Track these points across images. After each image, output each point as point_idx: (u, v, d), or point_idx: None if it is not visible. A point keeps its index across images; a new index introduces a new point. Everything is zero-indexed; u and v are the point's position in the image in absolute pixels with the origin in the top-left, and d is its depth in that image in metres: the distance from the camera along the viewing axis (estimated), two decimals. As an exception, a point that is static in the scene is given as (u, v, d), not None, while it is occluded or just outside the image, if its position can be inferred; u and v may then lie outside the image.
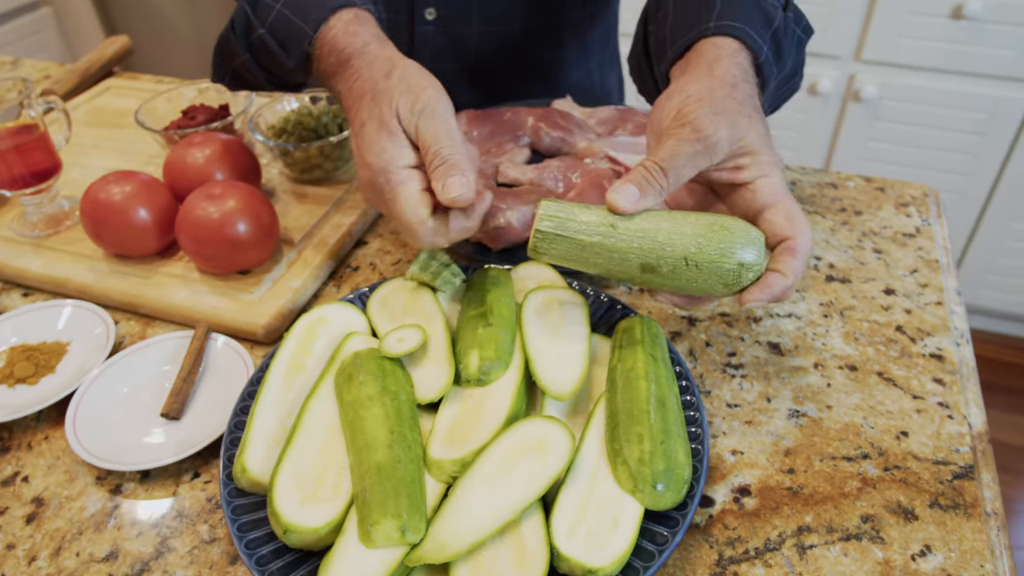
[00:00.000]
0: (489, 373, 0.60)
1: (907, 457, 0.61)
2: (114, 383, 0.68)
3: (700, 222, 0.56)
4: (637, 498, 0.52)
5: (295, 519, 0.51)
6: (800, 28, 0.72)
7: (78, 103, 1.13)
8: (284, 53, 0.71)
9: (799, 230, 0.57)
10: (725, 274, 0.56)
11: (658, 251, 0.55)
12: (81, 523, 0.60)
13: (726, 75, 0.60)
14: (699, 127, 0.56)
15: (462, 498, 0.51)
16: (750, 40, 0.63)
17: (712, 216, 0.57)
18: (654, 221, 0.56)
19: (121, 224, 0.77)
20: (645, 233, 0.55)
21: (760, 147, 0.58)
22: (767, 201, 0.58)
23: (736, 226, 0.56)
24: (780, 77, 0.69)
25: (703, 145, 0.56)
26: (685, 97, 0.59)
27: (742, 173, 0.58)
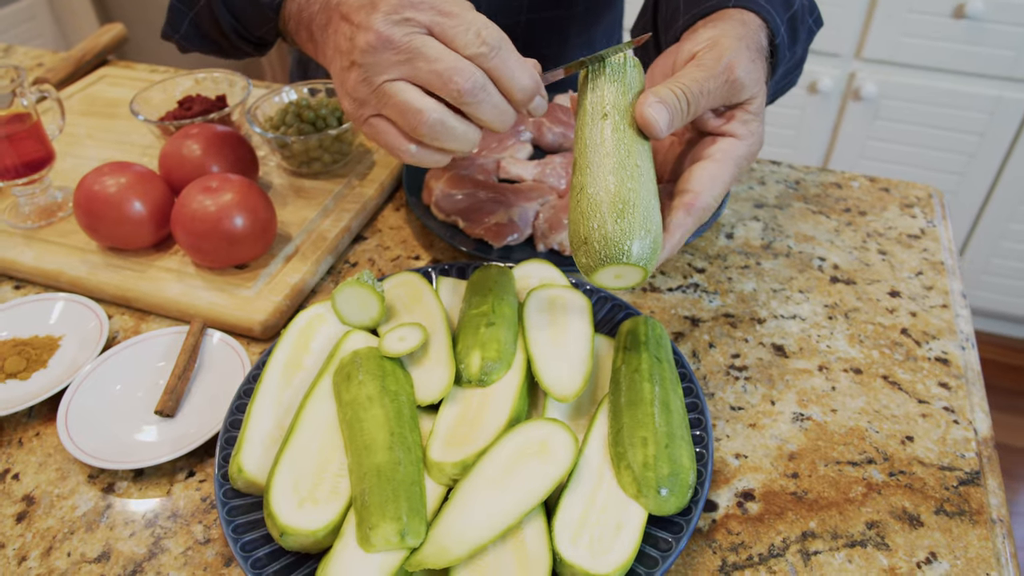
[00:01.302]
0: (491, 374, 0.59)
1: (912, 462, 0.61)
2: (107, 379, 0.67)
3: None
4: (641, 503, 0.51)
5: (292, 521, 0.50)
6: (812, 18, 0.71)
7: (72, 92, 1.11)
8: None
9: (707, 190, 0.56)
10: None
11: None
12: (73, 522, 0.58)
13: (756, 36, 0.60)
14: (733, 64, 0.56)
15: (463, 501, 0.50)
16: (771, 19, 0.62)
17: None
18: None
19: (116, 217, 0.75)
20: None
21: (759, 112, 0.59)
22: (718, 158, 0.57)
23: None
24: (788, 65, 0.68)
25: (727, 80, 0.56)
26: (720, 33, 0.58)
27: (730, 124, 0.58)
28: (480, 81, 0.53)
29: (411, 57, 0.52)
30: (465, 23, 0.53)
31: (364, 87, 0.54)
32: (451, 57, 0.52)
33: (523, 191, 0.83)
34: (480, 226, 0.79)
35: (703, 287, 0.77)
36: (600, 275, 0.53)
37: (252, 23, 0.71)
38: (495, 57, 0.53)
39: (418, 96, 0.53)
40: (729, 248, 0.82)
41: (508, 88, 0.54)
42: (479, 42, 0.52)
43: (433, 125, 0.53)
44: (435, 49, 0.52)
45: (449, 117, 0.54)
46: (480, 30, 0.53)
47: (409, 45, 0.52)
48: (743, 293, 0.76)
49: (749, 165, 0.60)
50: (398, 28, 0.52)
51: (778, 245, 0.82)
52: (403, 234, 0.85)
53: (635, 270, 0.52)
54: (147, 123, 0.89)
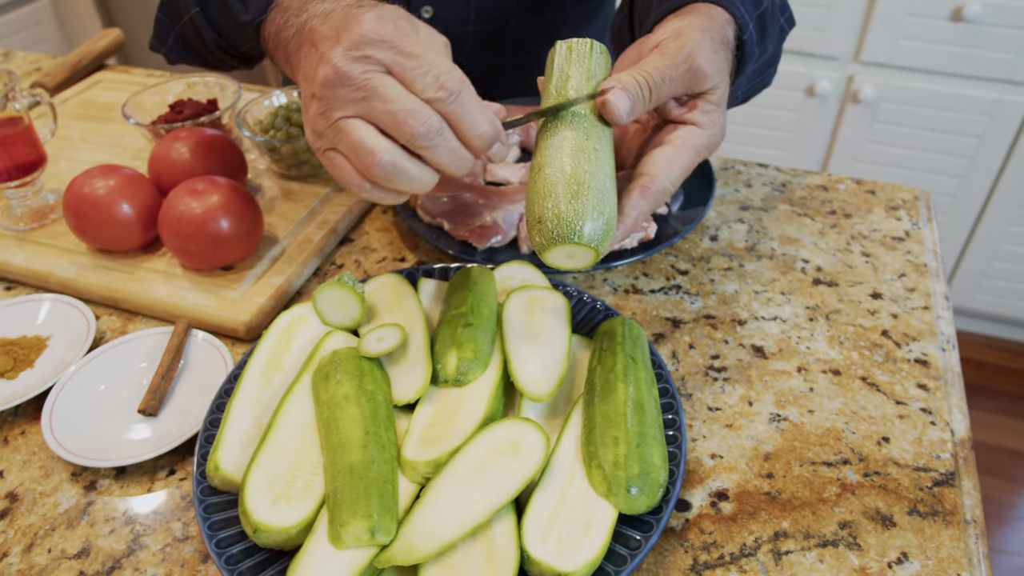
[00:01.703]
0: (467, 374, 0.59)
1: (888, 463, 0.61)
2: (92, 379, 0.68)
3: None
4: (611, 502, 0.52)
5: (265, 518, 0.51)
6: (784, 17, 0.72)
7: (68, 96, 1.12)
8: (240, 6, 0.65)
9: (664, 174, 0.57)
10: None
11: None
12: (55, 519, 0.59)
13: (722, 29, 0.61)
14: (695, 53, 0.57)
15: (434, 500, 0.51)
16: (738, 14, 0.63)
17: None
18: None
19: (104, 219, 0.77)
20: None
21: (720, 103, 0.60)
22: (676, 143, 0.58)
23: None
24: (758, 64, 0.69)
25: (689, 69, 0.57)
26: (686, 24, 0.59)
27: (692, 113, 0.59)
28: (436, 125, 0.51)
29: (368, 96, 0.51)
30: (425, 65, 0.51)
31: (322, 120, 0.53)
32: (408, 99, 0.51)
33: (508, 193, 0.83)
34: (464, 228, 0.80)
35: (685, 289, 0.78)
36: (552, 254, 0.54)
37: (235, 40, 0.71)
38: (453, 102, 0.51)
39: (372, 136, 0.51)
40: (713, 250, 0.83)
41: (465, 134, 0.53)
42: (437, 86, 0.51)
43: (385, 167, 0.52)
44: (392, 90, 0.51)
45: (402, 159, 0.52)
46: (440, 74, 0.51)
47: (366, 83, 0.51)
48: (725, 295, 0.77)
49: (710, 153, 0.61)
50: (356, 65, 0.51)
51: (762, 247, 0.83)
52: (389, 236, 0.86)
53: (587, 250, 0.53)
54: (138, 127, 0.90)
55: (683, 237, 0.82)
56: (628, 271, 0.80)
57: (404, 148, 0.52)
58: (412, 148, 0.52)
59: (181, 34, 0.73)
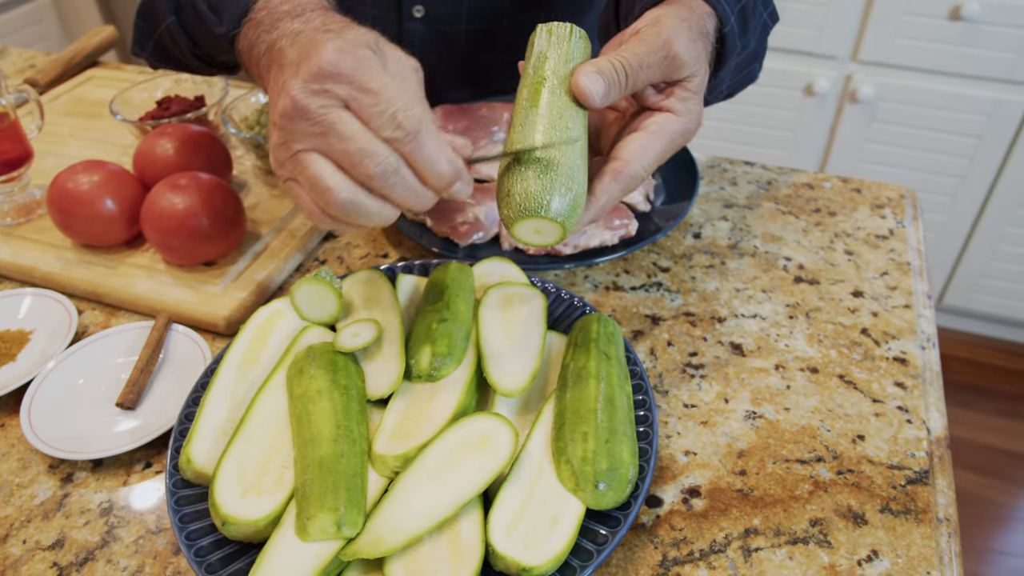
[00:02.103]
0: (440, 369, 0.59)
1: (862, 461, 0.61)
2: (72, 372, 0.68)
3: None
4: (579, 497, 0.52)
5: (234, 511, 0.51)
6: (767, 12, 0.72)
7: (59, 92, 1.13)
8: (214, 17, 0.64)
9: (636, 159, 0.57)
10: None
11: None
12: (31, 511, 0.60)
13: (701, 20, 0.61)
14: (672, 40, 0.57)
15: (402, 493, 0.51)
16: (719, 7, 0.63)
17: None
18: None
19: (88, 214, 0.77)
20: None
21: (698, 91, 0.59)
22: (651, 130, 0.58)
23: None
24: (741, 58, 0.69)
25: (667, 56, 0.57)
26: (664, 13, 0.59)
27: (668, 100, 0.59)
28: (392, 166, 0.50)
29: (324, 131, 0.50)
30: (383, 103, 0.49)
31: (283, 150, 0.52)
32: (364, 138, 0.49)
33: (491, 190, 0.84)
34: (447, 224, 0.80)
35: (666, 286, 0.78)
36: (519, 228, 0.54)
37: (211, 51, 0.70)
38: (411, 142, 0.50)
39: (330, 172, 0.50)
40: (695, 247, 0.82)
41: (423, 174, 0.52)
42: (394, 125, 0.49)
43: (343, 204, 0.51)
44: (349, 127, 0.49)
45: (360, 197, 0.51)
46: (397, 112, 0.49)
47: (323, 118, 0.49)
48: (706, 292, 0.77)
49: (685, 141, 0.61)
50: (314, 99, 0.50)
51: (745, 245, 0.83)
52: (373, 232, 0.86)
53: (554, 225, 0.53)
54: (126, 123, 0.90)
55: (665, 234, 0.82)
56: (609, 268, 0.80)
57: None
58: (368, 187, 0.51)
59: (159, 41, 0.72)
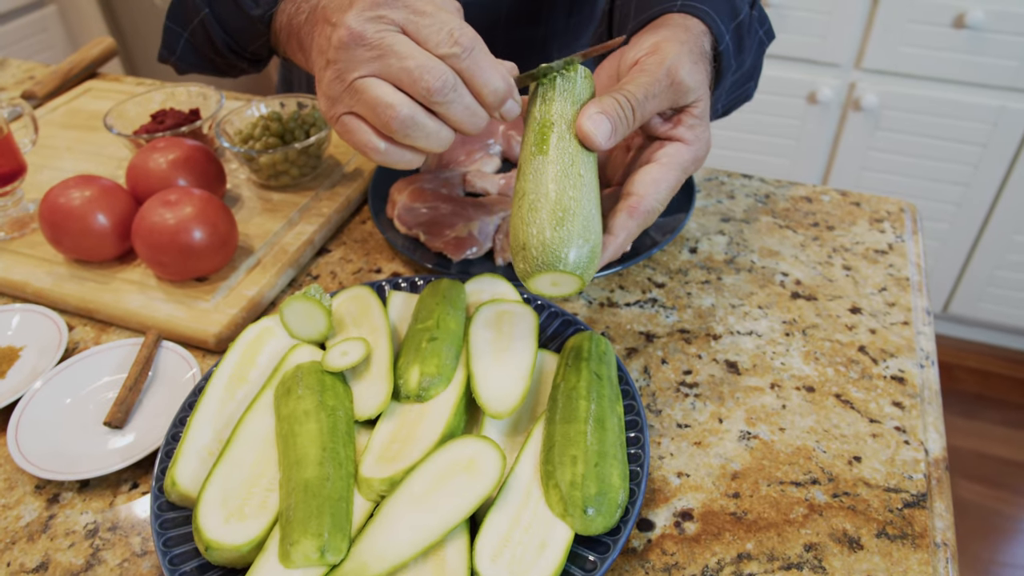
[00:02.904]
0: (429, 389, 0.59)
1: (858, 483, 0.60)
2: (60, 390, 0.68)
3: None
4: (567, 522, 0.51)
5: (217, 536, 0.50)
6: (763, 30, 0.71)
7: (57, 104, 1.13)
8: (251, 1, 0.66)
9: (651, 193, 0.57)
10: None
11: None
12: (15, 532, 0.59)
13: (698, 40, 0.61)
14: (675, 67, 0.57)
15: (387, 518, 0.50)
16: (714, 25, 0.63)
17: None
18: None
19: (79, 229, 0.77)
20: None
21: (703, 116, 0.59)
22: (663, 161, 0.58)
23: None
24: (737, 76, 0.68)
25: (671, 83, 0.57)
26: (662, 38, 0.59)
27: (677, 129, 0.59)
28: (451, 81, 0.52)
29: (382, 54, 0.52)
30: (438, 23, 0.52)
31: (337, 84, 0.54)
32: (422, 55, 0.52)
33: (485, 205, 0.83)
34: (440, 239, 0.79)
35: (661, 302, 0.77)
36: (536, 281, 0.53)
37: (245, 39, 0.72)
38: (467, 58, 0.52)
39: (390, 91, 0.52)
40: (691, 263, 0.82)
41: (479, 90, 0.54)
42: (451, 42, 0.52)
43: (404, 120, 0.52)
44: (407, 47, 0.52)
45: (420, 114, 0.53)
46: (453, 30, 0.52)
47: (381, 42, 0.52)
48: (701, 308, 0.76)
49: (696, 168, 0.61)
50: (371, 25, 0.52)
51: (741, 260, 0.82)
52: (367, 247, 0.85)
53: (571, 278, 0.52)
54: (120, 136, 0.90)
55: (661, 248, 0.81)
56: (604, 284, 0.79)
57: (421, 104, 0.54)
58: (427, 104, 0.53)
59: (191, 40, 0.74)
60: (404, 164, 0.57)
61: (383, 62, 0.52)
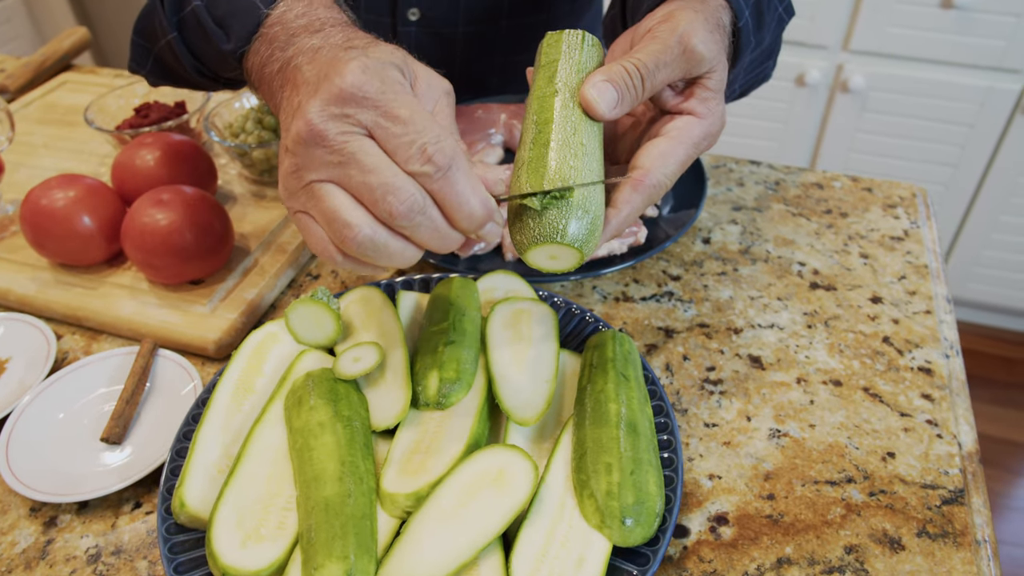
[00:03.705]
0: (449, 396, 0.56)
1: (894, 481, 0.58)
2: (52, 405, 0.64)
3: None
4: (604, 534, 0.49)
5: (234, 561, 0.47)
6: (783, 6, 0.68)
7: (31, 99, 1.07)
8: (222, 34, 0.59)
9: (657, 167, 0.53)
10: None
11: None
12: (11, 560, 0.55)
13: (716, 13, 0.58)
14: (688, 33, 0.53)
15: (415, 537, 0.48)
16: (733, 0, 0.59)
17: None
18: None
19: (64, 232, 0.72)
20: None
21: (718, 88, 0.56)
22: (672, 135, 0.55)
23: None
24: (756, 54, 0.65)
25: (684, 51, 0.53)
26: (676, 7, 0.55)
27: (688, 101, 0.56)
28: (418, 204, 0.45)
29: (343, 161, 0.45)
30: (412, 133, 0.44)
31: (294, 179, 0.47)
32: (388, 171, 0.44)
33: (491, 198, 0.80)
34: (446, 235, 0.76)
35: (678, 295, 0.74)
36: (534, 254, 0.50)
37: (216, 67, 0.65)
38: (440, 179, 0.45)
39: (349, 207, 0.45)
40: (705, 254, 0.79)
41: (452, 215, 0.47)
42: (423, 159, 0.44)
43: (362, 243, 0.45)
44: (372, 158, 0.44)
45: (382, 234, 0.46)
46: (427, 145, 0.44)
47: (343, 147, 0.45)
48: (719, 301, 0.74)
49: (710, 145, 0.57)
50: (334, 124, 0.45)
51: (756, 250, 0.80)
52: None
53: (570, 251, 0.49)
54: (102, 132, 0.86)
55: (675, 241, 0.79)
56: (618, 278, 0.76)
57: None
58: (390, 226, 0.46)
59: (159, 58, 0.67)
60: (368, 273, 0.51)
61: (343, 171, 0.45)
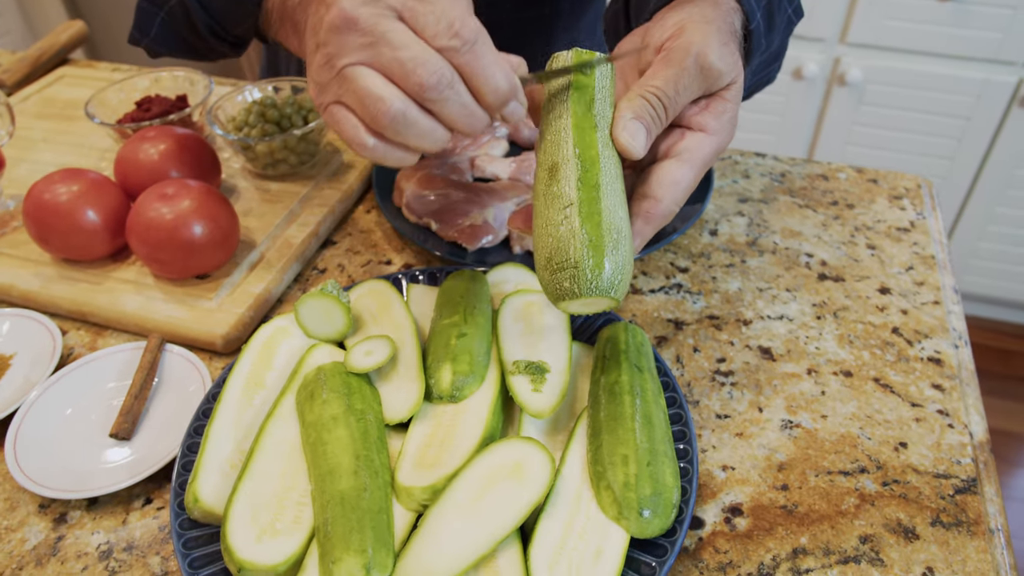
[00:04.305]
0: (463, 389, 0.55)
1: (906, 470, 0.58)
2: (59, 401, 0.63)
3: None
4: (622, 525, 0.48)
5: (250, 556, 0.47)
6: (792, 8, 0.68)
7: (28, 93, 1.06)
8: None
9: (669, 195, 0.53)
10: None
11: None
12: (22, 557, 0.55)
13: (728, 17, 0.57)
14: (704, 52, 0.52)
15: (433, 530, 0.47)
16: (745, 2, 0.59)
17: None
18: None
19: (68, 227, 0.72)
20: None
21: (735, 99, 0.55)
22: (684, 157, 0.54)
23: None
24: (764, 57, 0.65)
25: (701, 70, 0.52)
26: (687, 16, 0.55)
27: (702, 115, 0.55)
28: (447, 77, 0.47)
29: (375, 41, 0.47)
30: (439, 11, 0.47)
31: (326, 70, 0.49)
32: (418, 46, 0.47)
33: (498, 191, 0.79)
34: (453, 228, 0.76)
35: (686, 287, 0.74)
36: (575, 302, 0.49)
37: (230, 20, 0.65)
38: (467, 52, 0.47)
39: (381, 83, 0.47)
40: (713, 246, 0.79)
41: (479, 88, 0.49)
42: (451, 34, 0.47)
43: (395, 117, 0.47)
44: (401, 35, 0.47)
45: (413, 110, 0.48)
46: (454, 21, 0.47)
47: (374, 28, 0.47)
48: (728, 293, 0.73)
49: (716, 159, 0.57)
50: (365, 8, 0.47)
51: (763, 241, 0.80)
52: (374, 237, 0.82)
53: (609, 302, 0.49)
54: (103, 126, 0.85)
55: (682, 233, 0.78)
56: (626, 270, 0.76)
57: (414, 100, 0.48)
58: (420, 101, 0.48)
59: (167, 20, 0.67)
60: (395, 162, 0.52)
61: (375, 50, 0.47)
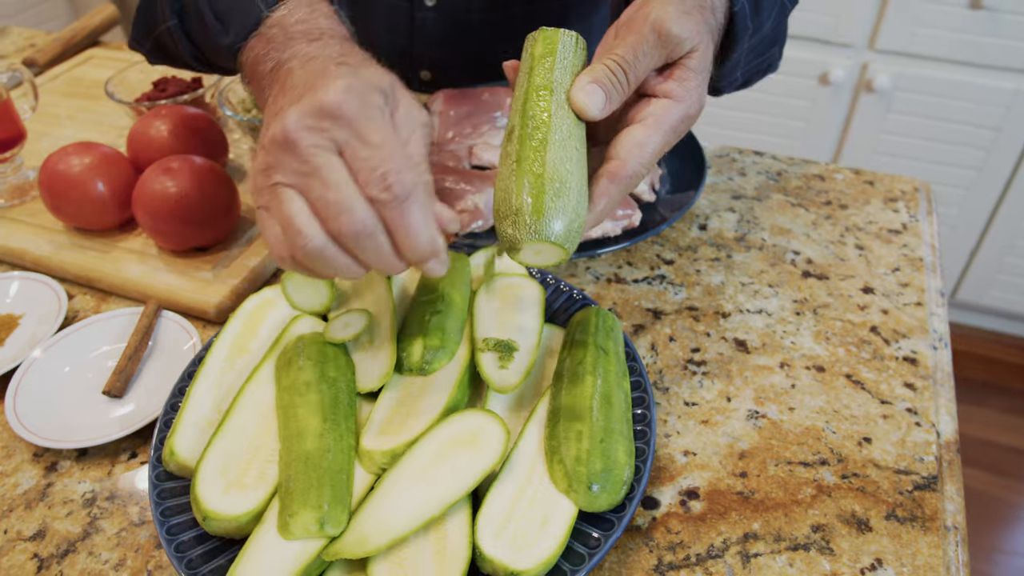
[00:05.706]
0: (432, 363, 0.57)
1: (867, 465, 0.59)
2: (59, 359, 0.67)
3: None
4: (571, 498, 0.50)
5: (215, 506, 0.49)
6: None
7: (58, 72, 1.11)
8: (220, 27, 0.61)
9: (634, 157, 0.53)
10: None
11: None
12: (13, 500, 0.58)
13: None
14: (660, 19, 0.53)
15: (388, 491, 0.49)
16: None
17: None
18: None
19: (79, 197, 0.75)
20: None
21: (699, 68, 0.55)
22: (648, 122, 0.54)
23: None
24: (755, 40, 0.66)
25: (659, 37, 0.53)
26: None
27: (667, 83, 0.55)
28: (368, 228, 0.46)
29: (308, 172, 0.46)
30: (378, 159, 0.46)
31: (263, 177, 0.48)
32: (347, 190, 0.46)
33: (490, 177, 0.81)
34: (445, 213, 0.78)
35: (669, 279, 0.75)
36: (524, 250, 0.51)
37: (212, 56, 0.66)
38: (395, 208, 0.46)
39: (306, 217, 0.47)
40: (701, 240, 0.80)
41: (399, 243, 0.48)
42: (383, 186, 0.46)
43: (311, 252, 0.47)
44: (335, 174, 0.46)
45: (331, 249, 0.48)
46: (388, 173, 0.46)
47: (310, 159, 0.46)
48: (710, 286, 0.74)
49: (688, 127, 0.57)
50: (307, 135, 0.46)
51: (752, 237, 0.80)
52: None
53: (558, 250, 0.50)
54: (121, 104, 0.89)
55: (670, 225, 0.79)
56: (612, 259, 0.78)
57: None
58: (338, 243, 0.48)
59: (159, 40, 0.69)
60: (314, 278, 0.52)
61: (307, 180, 0.46)
